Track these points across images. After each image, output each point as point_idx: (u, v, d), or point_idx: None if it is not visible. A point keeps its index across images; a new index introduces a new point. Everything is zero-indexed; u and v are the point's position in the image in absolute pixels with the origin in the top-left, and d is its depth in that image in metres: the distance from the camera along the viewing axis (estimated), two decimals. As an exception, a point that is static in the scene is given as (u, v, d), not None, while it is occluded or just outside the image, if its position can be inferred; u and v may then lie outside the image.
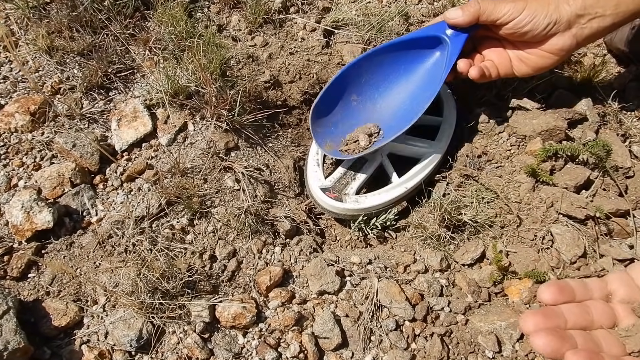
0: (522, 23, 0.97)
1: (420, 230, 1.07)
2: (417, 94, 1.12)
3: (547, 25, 0.96)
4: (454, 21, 1.02)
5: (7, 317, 0.79)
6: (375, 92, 1.17)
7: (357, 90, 1.16)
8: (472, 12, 0.99)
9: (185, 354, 0.85)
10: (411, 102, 1.13)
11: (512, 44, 1.05)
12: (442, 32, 1.06)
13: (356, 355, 0.89)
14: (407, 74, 1.14)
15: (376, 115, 1.16)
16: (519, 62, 1.05)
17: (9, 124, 1.06)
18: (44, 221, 0.93)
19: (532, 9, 0.95)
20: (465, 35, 1.04)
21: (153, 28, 1.27)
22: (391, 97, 1.16)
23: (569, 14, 0.94)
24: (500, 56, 1.06)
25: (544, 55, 1.01)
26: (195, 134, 1.13)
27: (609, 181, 1.06)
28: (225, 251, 0.99)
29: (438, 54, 1.11)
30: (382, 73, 1.15)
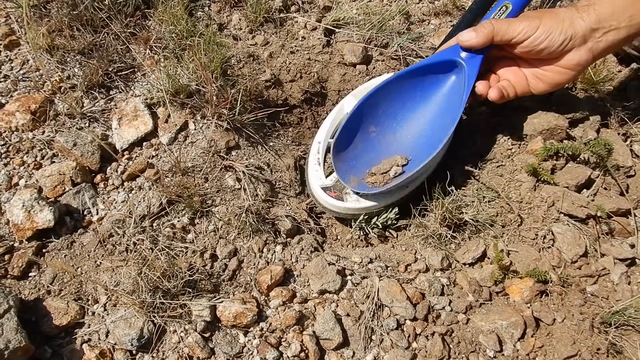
0: (537, 40, 0.95)
1: (421, 230, 1.07)
2: (437, 120, 1.10)
3: (563, 42, 0.94)
4: (468, 43, 1.01)
5: (8, 316, 0.78)
6: (393, 122, 1.15)
7: (375, 122, 1.14)
8: (486, 33, 0.98)
9: (186, 353, 0.85)
10: (432, 129, 1.10)
11: (528, 62, 1.04)
12: (457, 56, 1.04)
13: (357, 355, 0.89)
14: (424, 101, 1.12)
15: (397, 145, 1.14)
16: (536, 80, 1.04)
17: (10, 122, 1.06)
18: (44, 220, 0.93)
19: (547, 26, 0.94)
20: (481, 56, 1.02)
21: (154, 27, 1.26)
22: (411, 126, 1.14)
23: (584, 28, 0.93)
24: (516, 75, 1.05)
25: (560, 71, 1.00)
26: (196, 132, 1.12)
27: (610, 180, 1.06)
28: (226, 250, 0.99)
29: (454, 78, 1.09)
30: (399, 102, 1.12)
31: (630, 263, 0.97)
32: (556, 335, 0.90)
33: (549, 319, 0.91)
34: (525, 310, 0.93)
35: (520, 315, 0.92)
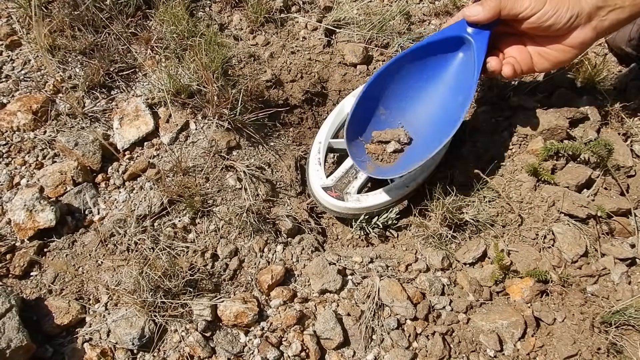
0: (545, 16, 0.95)
1: (421, 229, 1.07)
2: (448, 100, 1.07)
3: (570, 18, 0.94)
4: (474, 18, 0.99)
5: (9, 315, 0.79)
6: (402, 102, 1.12)
7: (384, 104, 1.12)
8: (493, 6, 0.97)
9: (187, 352, 0.85)
10: (444, 108, 1.08)
11: (532, 40, 1.03)
12: (463, 32, 1.02)
13: (358, 354, 0.90)
14: (433, 80, 1.09)
15: (408, 126, 1.11)
16: (540, 58, 1.03)
17: (11, 122, 1.06)
18: (46, 220, 0.93)
19: (555, 2, 0.94)
20: (488, 32, 1.00)
21: (155, 27, 1.27)
22: (421, 106, 1.11)
23: (590, 6, 0.93)
24: (521, 52, 1.04)
25: (564, 50, 0.99)
26: (197, 132, 1.13)
27: (610, 180, 1.06)
28: (227, 250, 0.99)
29: (462, 55, 1.06)
30: (406, 82, 1.10)
31: (630, 263, 0.97)
32: (556, 335, 0.90)
33: (550, 318, 0.91)
34: (526, 310, 0.93)
35: (521, 315, 0.92)
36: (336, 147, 1.20)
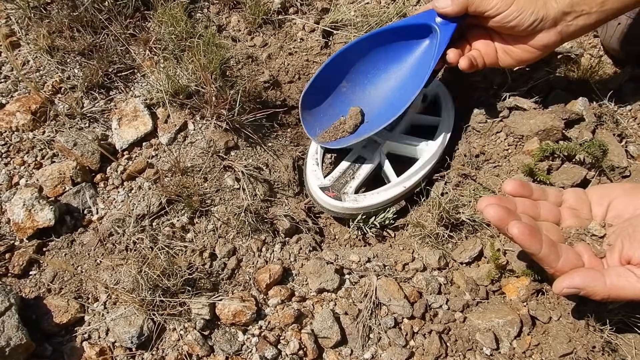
0: (508, 18, 0.98)
1: (418, 229, 1.07)
2: (406, 82, 1.13)
3: (533, 22, 0.97)
4: (443, 10, 1.02)
5: (9, 314, 0.79)
6: (364, 79, 1.17)
7: (346, 77, 1.17)
8: (461, 2, 1.00)
9: (185, 350, 0.86)
10: (399, 90, 1.13)
11: (499, 36, 1.06)
12: (431, 21, 1.06)
13: (355, 353, 0.90)
14: (396, 61, 1.15)
15: (365, 101, 1.17)
16: (504, 54, 1.06)
17: (10, 122, 1.07)
18: (45, 219, 0.94)
19: (520, 5, 0.96)
20: (455, 25, 1.04)
21: (153, 28, 1.27)
22: (380, 85, 1.17)
23: (555, 11, 0.95)
24: (487, 46, 1.07)
25: (528, 50, 1.03)
26: (196, 133, 1.13)
27: (605, 181, 1.07)
28: (225, 249, 0.99)
29: (427, 43, 1.11)
30: (371, 60, 1.15)
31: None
32: (552, 333, 0.91)
33: (545, 317, 0.92)
34: (522, 309, 0.94)
35: (517, 314, 0.93)
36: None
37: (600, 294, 0.73)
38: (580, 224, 0.83)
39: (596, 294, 0.73)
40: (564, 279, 0.75)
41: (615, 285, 0.73)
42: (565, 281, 0.74)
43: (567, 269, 0.76)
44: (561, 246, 0.78)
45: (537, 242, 0.74)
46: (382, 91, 1.17)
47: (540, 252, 0.74)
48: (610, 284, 0.73)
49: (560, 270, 0.76)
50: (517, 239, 0.74)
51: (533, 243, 0.74)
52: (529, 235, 0.74)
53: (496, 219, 0.75)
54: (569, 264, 0.76)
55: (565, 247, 0.79)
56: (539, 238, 0.75)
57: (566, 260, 0.76)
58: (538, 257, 0.76)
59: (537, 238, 0.74)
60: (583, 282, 0.73)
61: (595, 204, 0.86)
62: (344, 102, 1.18)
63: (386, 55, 1.15)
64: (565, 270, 0.76)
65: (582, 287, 0.73)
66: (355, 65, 1.16)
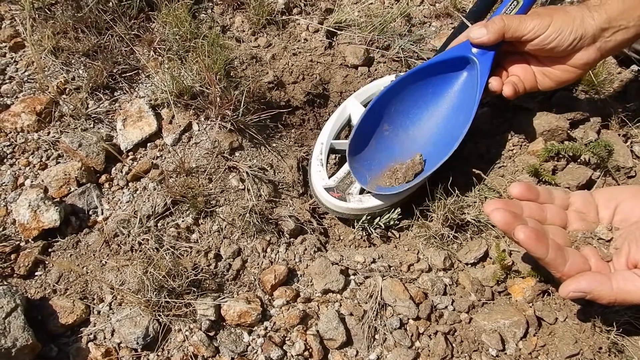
0: (548, 39, 0.95)
1: (423, 230, 1.07)
2: (450, 118, 1.10)
3: (573, 41, 0.94)
4: (479, 40, 0.99)
5: (15, 315, 0.79)
6: (406, 120, 1.15)
7: (388, 120, 1.14)
8: (497, 29, 0.97)
9: (191, 351, 0.86)
10: (445, 127, 1.11)
11: (536, 59, 1.04)
12: (468, 52, 1.03)
13: (360, 354, 0.90)
14: (437, 98, 1.12)
15: (410, 144, 1.13)
16: (543, 77, 1.04)
17: (15, 123, 1.07)
18: (50, 220, 0.94)
19: (558, 25, 0.93)
20: (493, 52, 1.01)
21: (157, 29, 1.27)
22: (424, 124, 1.14)
23: (594, 28, 0.93)
24: (525, 71, 1.05)
25: (568, 70, 1.00)
26: (200, 133, 1.13)
27: (610, 181, 1.07)
28: (230, 250, 0.99)
29: (466, 75, 1.08)
30: (411, 100, 1.13)
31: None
32: (558, 334, 0.90)
33: (551, 318, 0.92)
34: (528, 310, 0.94)
35: (523, 315, 0.93)
36: (338, 148, 1.21)
37: (607, 298, 0.73)
38: (587, 228, 0.83)
39: (602, 298, 0.73)
40: (571, 283, 0.75)
41: (621, 289, 0.72)
42: (572, 285, 0.74)
43: (574, 273, 0.76)
44: (568, 250, 0.78)
45: (544, 247, 0.74)
46: (427, 131, 1.13)
47: (547, 257, 0.74)
48: (617, 288, 0.73)
49: (566, 275, 0.76)
50: (524, 243, 0.74)
51: (539, 247, 0.74)
52: (535, 239, 0.74)
53: (503, 223, 0.75)
54: (576, 268, 0.76)
55: (572, 251, 0.79)
56: (546, 242, 0.75)
57: (573, 264, 0.76)
58: (545, 262, 0.76)
59: (543, 242, 0.74)
60: (589, 286, 0.73)
61: (602, 207, 0.85)
62: (388, 147, 1.15)
63: (425, 92, 1.12)
64: (572, 275, 0.76)
65: (588, 291, 0.73)
66: (395, 106, 1.13)
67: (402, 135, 1.15)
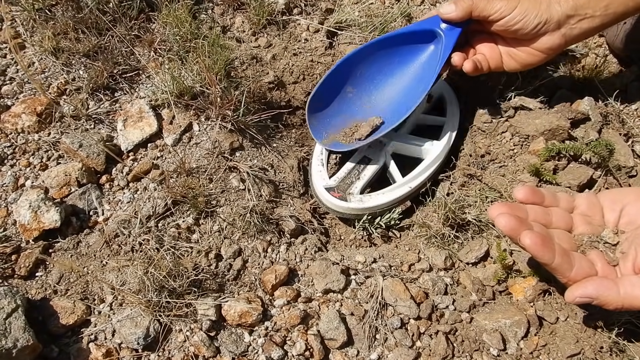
0: (512, 21, 0.98)
1: (424, 229, 1.07)
2: (411, 87, 1.14)
3: (537, 25, 0.97)
4: (447, 16, 1.03)
5: (15, 315, 0.79)
6: (370, 85, 1.18)
7: (352, 83, 1.17)
8: (465, 7, 1.01)
9: (191, 351, 0.86)
10: (405, 95, 1.14)
11: (504, 40, 1.07)
12: (436, 26, 1.07)
13: (361, 353, 0.90)
14: (401, 67, 1.16)
15: (370, 107, 1.18)
16: (509, 58, 1.07)
17: (16, 124, 1.07)
18: (51, 220, 0.94)
19: (524, 8, 0.97)
20: (459, 29, 1.05)
21: (158, 29, 1.28)
22: (386, 90, 1.18)
23: (559, 14, 0.96)
24: (492, 50, 1.08)
25: (532, 53, 1.03)
26: (201, 134, 1.13)
27: (612, 180, 1.07)
28: (231, 250, 0.99)
29: (432, 48, 1.12)
30: (377, 66, 1.16)
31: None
32: (559, 334, 0.90)
33: (552, 317, 0.92)
34: (529, 309, 0.94)
35: (524, 314, 0.92)
36: (338, 148, 1.21)
37: (614, 303, 0.72)
38: (593, 231, 0.82)
39: (609, 303, 0.72)
40: (577, 288, 0.74)
41: (629, 294, 0.72)
42: (578, 290, 0.74)
43: (580, 278, 0.75)
44: (574, 254, 0.77)
45: (550, 252, 0.73)
46: (388, 96, 1.18)
47: (554, 262, 0.74)
48: (624, 294, 0.72)
49: (573, 280, 0.75)
50: (530, 249, 0.73)
51: (546, 253, 0.73)
52: (541, 245, 0.73)
53: (508, 228, 0.75)
54: (582, 272, 0.75)
55: (578, 256, 0.78)
56: (552, 247, 0.74)
57: (579, 269, 0.75)
58: (551, 267, 0.75)
59: (549, 248, 0.74)
60: (596, 291, 0.73)
61: (607, 210, 0.84)
62: (349, 107, 1.19)
63: (392, 60, 1.16)
64: (579, 280, 0.75)
65: (595, 296, 0.73)
66: (361, 70, 1.17)
67: (364, 99, 1.19)
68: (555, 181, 1.04)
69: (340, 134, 1.16)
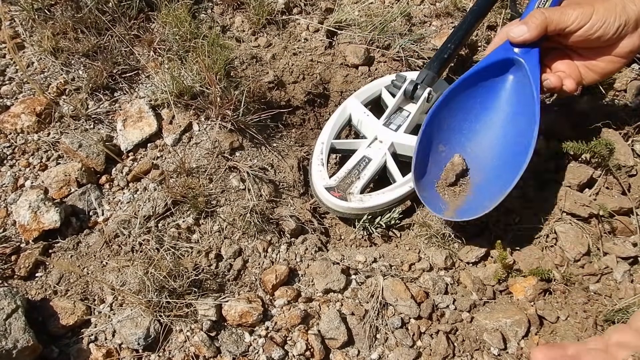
0: (593, 29, 0.90)
1: (424, 229, 1.07)
2: (509, 126, 1.03)
3: (618, 28, 0.90)
4: (521, 39, 0.94)
5: (15, 316, 0.79)
6: (460, 137, 1.07)
7: (442, 140, 1.07)
8: (539, 24, 0.92)
9: (192, 352, 0.86)
10: (505, 136, 1.03)
11: (578, 53, 0.99)
12: (511, 53, 0.97)
13: (362, 353, 0.90)
14: (487, 108, 1.06)
15: (471, 160, 1.06)
16: (587, 70, 0.99)
17: (15, 124, 1.07)
18: (51, 221, 0.94)
19: (601, 13, 0.89)
20: (538, 49, 0.96)
21: (157, 29, 1.27)
22: (481, 138, 1.06)
23: (636, 13, 0.89)
24: (569, 67, 0.99)
25: (612, 60, 0.95)
26: (200, 134, 1.13)
27: (612, 180, 1.07)
28: (231, 250, 0.99)
29: (512, 78, 1.02)
30: (459, 115, 1.06)
31: (632, 261, 0.98)
32: (560, 333, 0.90)
33: (553, 316, 0.92)
34: (529, 309, 0.94)
35: (524, 314, 0.92)
36: (339, 147, 1.21)
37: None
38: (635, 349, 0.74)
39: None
40: None
41: None
42: None
43: None
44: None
45: None
46: (484, 143, 1.06)
47: None
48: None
49: None
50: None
51: None
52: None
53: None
54: None
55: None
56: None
57: None
58: None
59: None
60: None
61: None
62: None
63: (474, 103, 1.05)
64: None
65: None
66: (446, 123, 1.06)
67: (458, 152, 1.07)
68: (556, 180, 1.04)
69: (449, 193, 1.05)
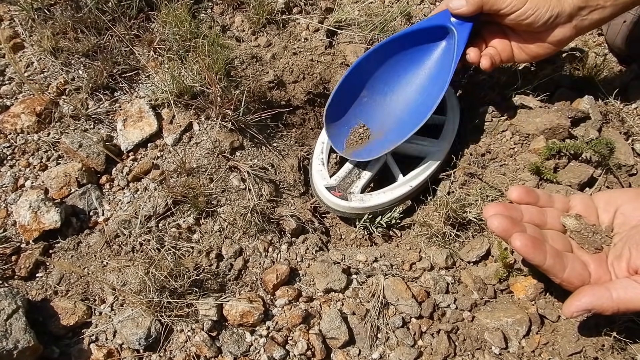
0: (524, 15, 0.98)
1: (425, 228, 1.07)
2: (427, 87, 1.12)
3: (549, 18, 0.97)
4: (458, 11, 1.02)
5: (16, 316, 0.79)
6: (384, 86, 1.16)
7: (366, 87, 1.15)
8: (476, 1, 1.00)
9: (193, 352, 0.85)
10: (421, 95, 1.12)
11: (515, 33, 1.06)
12: (447, 22, 1.05)
13: (363, 353, 0.90)
14: (414, 66, 1.13)
15: (387, 110, 1.15)
16: (519, 50, 1.07)
17: (15, 124, 1.06)
18: (51, 221, 0.94)
19: (535, 2, 0.96)
20: (471, 24, 1.04)
21: (157, 29, 1.27)
22: (400, 91, 1.15)
23: (571, 6, 0.96)
24: (503, 44, 1.08)
25: (543, 46, 1.03)
26: (201, 133, 1.13)
27: (612, 179, 1.07)
28: (232, 250, 0.99)
29: (444, 44, 1.10)
30: (389, 66, 1.14)
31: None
32: (561, 332, 0.90)
33: (554, 316, 0.92)
34: (530, 308, 0.94)
35: (525, 313, 0.92)
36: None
37: (609, 309, 0.73)
38: None
39: (605, 310, 0.73)
40: (572, 302, 0.75)
41: (622, 298, 0.72)
42: (573, 304, 0.74)
43: (574, 279, 0.76)
44: (567, 255, 0.78)
45: (541, 254, 0.74)
46: (403, 97, 1.15)
47: (545, 264, 0.75)
48: (617, 298, 0.72)
49: (566, 280, 0.76)
50: (520, 251, 0.74)
51: (537, 255, 0.74)
52: (532, 247, 0.74)
53: (500, 230, 0.75)
54: (575, 274, 0.76)
55: (572, 257, 0.79)
56: (543, 249, 0.75)
57: (572, 271, 0.76)
58: (543, 268, 0.76)
59: (540, 249, 0.74)
60: (590, 302, 0.73)
61: (602, 211, 0.85)
62: (365, 112, 1.17)
63: (404, 60, 1.13)
64: (572, 281, 0.76)
65: (590, 307, 0.73)
66: (374, 73, 1.14)
67: (379, 101, 1.16)
68: (556, 179, 1.04)
69: (353, 138, 1.15)
